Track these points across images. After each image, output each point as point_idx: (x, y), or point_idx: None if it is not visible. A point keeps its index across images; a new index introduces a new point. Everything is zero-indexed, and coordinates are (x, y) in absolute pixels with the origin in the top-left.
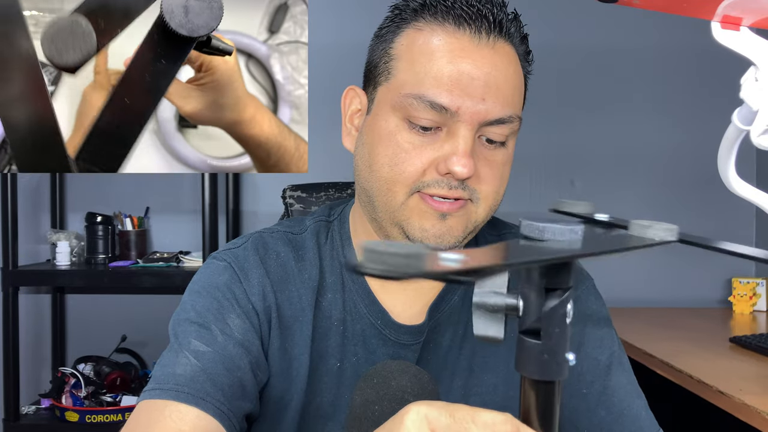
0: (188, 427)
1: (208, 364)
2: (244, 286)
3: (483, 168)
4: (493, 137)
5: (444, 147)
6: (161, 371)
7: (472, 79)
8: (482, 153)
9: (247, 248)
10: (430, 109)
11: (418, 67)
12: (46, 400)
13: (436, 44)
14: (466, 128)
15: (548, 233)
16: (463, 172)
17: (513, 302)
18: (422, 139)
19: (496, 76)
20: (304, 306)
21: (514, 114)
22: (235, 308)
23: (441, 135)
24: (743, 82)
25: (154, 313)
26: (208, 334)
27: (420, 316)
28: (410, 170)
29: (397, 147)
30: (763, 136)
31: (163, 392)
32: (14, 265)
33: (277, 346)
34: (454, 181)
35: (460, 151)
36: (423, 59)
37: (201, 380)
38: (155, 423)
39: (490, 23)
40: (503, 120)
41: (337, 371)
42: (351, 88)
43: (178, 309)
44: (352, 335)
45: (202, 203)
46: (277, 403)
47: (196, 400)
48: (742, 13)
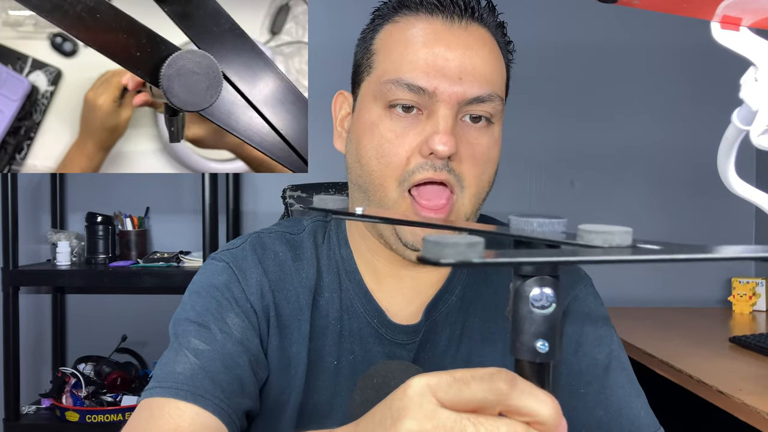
0: (187, 424)
1: (207, 363)
2: (242, 285)
3: (465, 150)
4: (475, 113)
5: (425, 129)
6: (161, 370)
7: (447, 60)
8: (465, 136)
9: (245, 248)
10: (409, 91)
11: (395, 55)
12: (46, 399)
13: (412, 33)
14: (446, 108)
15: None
16: (444, 149)
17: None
18: (403, 124)
19: (471, 56)
20: (301, 305)
21: (493, 92)
22: (233, 307)
23: (422, 118)
24: (743, 82)
25: (155, 313)
26: (207, 333)
27: (417, 315)
28: (396, 161)
29: (381, 138)
30: (762, 136)
31: (163, 390)
32: (14, 265)
33: (276, 345)
34: (438, 162)
35: (441, 129)
36: (400, 47)
37: (200, 378)
38: (155, 420)
39: (462, 9)
40: (482, 98)
41: (334, 369)
42: (340, 93)
43: (178, 309)
44: (349, 334)
45: (202, 203)
46: (275, 401)
47: (195, 397)
48: (742, 13)
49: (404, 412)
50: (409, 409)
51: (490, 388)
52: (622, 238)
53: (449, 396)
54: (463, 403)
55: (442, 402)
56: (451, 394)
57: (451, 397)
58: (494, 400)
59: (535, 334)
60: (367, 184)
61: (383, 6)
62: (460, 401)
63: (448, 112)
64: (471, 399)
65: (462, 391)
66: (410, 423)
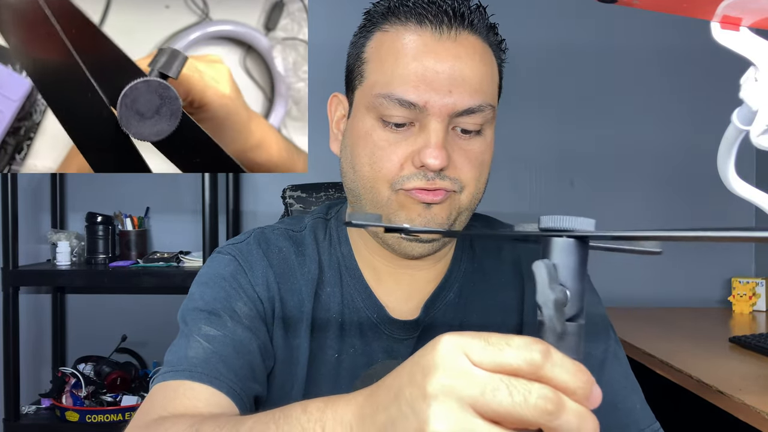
0: (202, 404)
1: (220, 347)
2: (249, 276)
3: (459, 158)
4: (466, 127)
5: (417, 141)
6: (173, 356)
7: (437, 73)
8: (458, 143)
9: (250, 243)
10: (400, 106)
11: (386, 68)
12: (46, 399)
13: (401, 44)
14: (436, 121)
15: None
16: (435, 163)
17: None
18: (396, 135)
19: (461, 68)
20: (304, 298)
21: (483, 102)
22: (241, 296)
23: (414, 130)
24: (743, 82)
25: (155, 313)
26: (217, 320)
27: (415, 312)
28: (388, 166)
29: (374, 146)
30: (762, 136)
31: (177, 373)
32: (14, 265)
33: (280, 336)
34: (431, 173)
35: (432, 144)
36: (390, 59)
37: (214, 361)
38: (170, 401)
39: (450, 17)
40: (473, 109)
41: (335, 362)
42: (335, 95)
43: (185, 300)
44: (349, 328)
45: (202, 203)
46: (279, 390)
47: (210, 379)
48: (742, 14)
49: (435, 368)
50: (440, 365)
51: (524, 357)
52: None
53: (481, 358)
54: (496, 367)
55: (474, 362)
56: (485, 357)
57: (484, 359)
58: (527, 370)
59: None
60: (359, 187)
61: (373, 9)
62: (492, 365)
63: (439, 125)
64: (504, 365)
65: (496, 356)
66: (442, 377)
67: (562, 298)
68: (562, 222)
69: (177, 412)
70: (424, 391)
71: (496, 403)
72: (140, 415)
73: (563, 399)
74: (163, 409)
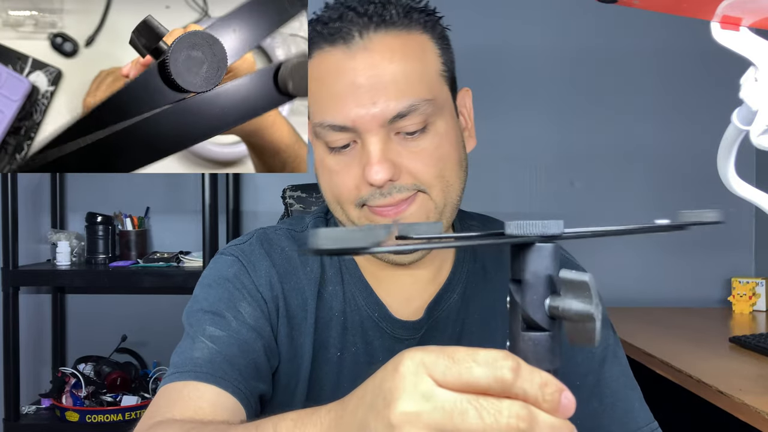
0: (207, 405)
1: (224, 347)
2: (252, 276)
3: (411, 161)
4: (407, 129)
5: (362, 159)
6: (179, 358)
7: (357, 88)
8: (406, 147)
9: (252, 243)
10: (334, 132)
11: (315, 96)
12: (46, 399)
13: (323, 69)
14: (371, 135)
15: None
16: (377, 179)
17: None
18: (345, 158)
19: (380, 74)
20: (307, 297)
21: (415, 101)
22: (245, 297)
23: (358, 148)
24: (743, 82)
25: (155, 313)
26: (222, 320)
27: (418, 313)
28: (346, 191)
29: (329, 172)
30: (762, 136)
31: (182, 374)
32: (14, 265)
33: (285, 334)
34: (384, 188)
35: (371, 161)
36: (315, 87)
37: (218, 361)
38: (175, 402)
39: (359, 26)
40: (403, 113)
41: (338, 360)
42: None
43: (189, 302)
44: (351, 326)
45: (203, 203)
46: (284, 389)
47: (215, 379)
48: (742, 14)
49: (397, 392)
50: (402, 389)
51: (494, 375)
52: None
53: (447, 378)
54: (463, 387)
55: (439, 383)
56: (451, 376)
57: (449, 380)
58: (497, 389)
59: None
60: (332, 210)
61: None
62: (459, 385)
63: (375, 138)
64: (472, 384)
65: (462, 376)
66: (405, 404)
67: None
68: (534, 228)
69: (181, 413)
70: (388, 421)
71: (466, 427)
72: (144, 418)
73: (535, 414)
74: (168, 411)
